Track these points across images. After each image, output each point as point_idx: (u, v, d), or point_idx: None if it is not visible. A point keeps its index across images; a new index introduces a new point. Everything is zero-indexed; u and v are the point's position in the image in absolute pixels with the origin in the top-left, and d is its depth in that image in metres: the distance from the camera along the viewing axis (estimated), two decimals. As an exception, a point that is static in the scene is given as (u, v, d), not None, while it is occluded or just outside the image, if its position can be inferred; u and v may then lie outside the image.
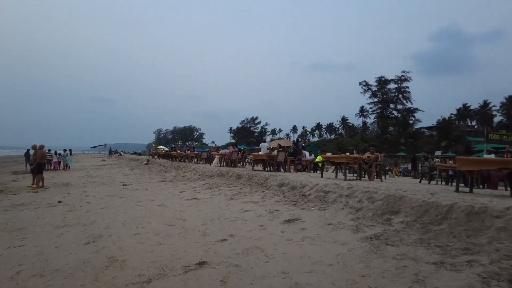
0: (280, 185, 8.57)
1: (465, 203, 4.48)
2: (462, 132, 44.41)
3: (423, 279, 3.06)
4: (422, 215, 4.70)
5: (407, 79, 61.70)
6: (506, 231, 3.69)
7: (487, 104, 62.18)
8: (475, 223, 4.05)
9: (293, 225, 5.38)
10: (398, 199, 5.37)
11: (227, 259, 3.87)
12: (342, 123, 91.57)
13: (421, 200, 5.02)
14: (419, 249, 3.76)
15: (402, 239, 4.13)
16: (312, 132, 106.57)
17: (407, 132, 51.05)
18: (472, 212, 4.22)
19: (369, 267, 3.47)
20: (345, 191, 6.55)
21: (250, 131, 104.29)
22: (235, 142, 23.27)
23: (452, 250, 3.60)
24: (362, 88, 66.28)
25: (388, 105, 64.73)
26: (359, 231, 4.66)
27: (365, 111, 75.11)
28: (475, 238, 3.79)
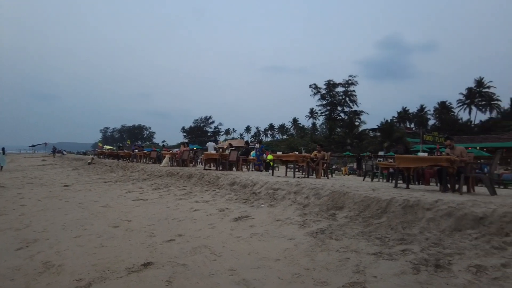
0: (232, 183, 8.56)
1: (402, 198, 4.82)
2: (402, 133, 47.80)
3: (363, 269, 3.24)
4: (364, 210, 4.97)
5: (354, 83, 65.15)
6: (435, 222, 4.04)
7: (423, 109, 67.73)
8: (409, 216, 4.38)
9: (242, 222, 5.40)
10: (342, 195, 5.63)
11: (174, 259, 3.77)
12: (293, 124, 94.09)
13: (363, 196, 5.31)
14: (360, 242, 3.97)
15: (346, 233, 4.33)
16: (265, 132, 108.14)
17: (353, 133, 53.93)
18: (407, 206, 4.55)
19: (314, 260, 3.60)
20: (293, 188, 6.73)
21: (203, 131, 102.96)
22: (186, 142, 22.81)
23: (390, 241, 3.85)
24: (312, 90, 68.70)
25: (336, 107, 67.78)
26: (306, 226, 4.81)
27: (314, 113, 78.07)
28: (409, 229, 4.10)
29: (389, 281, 2.95)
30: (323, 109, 69.33)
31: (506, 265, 2.89)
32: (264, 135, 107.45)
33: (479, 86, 60.47)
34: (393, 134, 45.88)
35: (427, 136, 21.32)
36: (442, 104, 63.96)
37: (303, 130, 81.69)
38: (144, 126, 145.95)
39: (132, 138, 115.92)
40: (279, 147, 50.66)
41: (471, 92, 61.02)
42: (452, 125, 56.82)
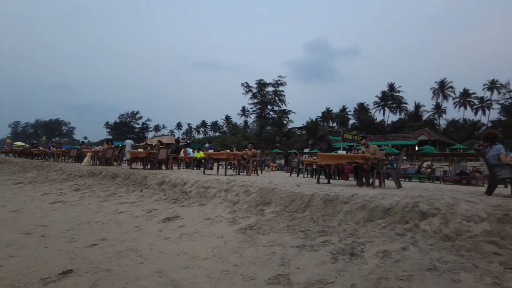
0: (161, 183, 8.32)
1: (323, 192, 5.21)
2: (326, 132, 51.27)
3: (288, 261, 3.44)
4: (289, 205, 5.25)
5: (283, 83, 67.84)
6: (351, 214, 4.46)
7: (345, 109, 73.52)
8: (330, 209, 4.75)
9: (172, 223, 5.31)
10: (270, 191, 5.87)
11: (97, 264, 3.57)
12: (226, 121, 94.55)
13: (289, 191, 5.61)
14: (286, 235, 4.20)
15: (272, 227, 4.54)
16: (197, 129, 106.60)
17: (282, 131, 56.17)
18: (328, 200, 4.93)
19: (242, 256, 3.71)
20: (224, 186, 6.80)
21: (130, 127, 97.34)
22: (110, 139, 21.38)
23: (312, 234, 4.14)
24: (244, 89, 69.74)
25: (267, 106, 69.85)
26: (235, 223, 4.92)
27: (246, 111, 79.44)
28: (329, 222, 4.45)
29: (311, 271, 3.19)
30: (254, 107, 70.96)
31: (405, 248, 3.34)
32: (196, 132, 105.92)
33: (391, 90, 67.67)
34: (317, 132, 48.99)
35: (347, 135, 23.24)
36: (361, 105, 70.16)
37: (235, 127, 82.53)
38: (62, 121, 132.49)
39: (48, 134, 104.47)
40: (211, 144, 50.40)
41: (385, 95, 67.99)
42: (369, 125, 62.68)
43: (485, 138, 5.53)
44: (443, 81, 64.54)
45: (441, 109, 65.17)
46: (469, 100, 62.96)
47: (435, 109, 65.33)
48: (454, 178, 14.05)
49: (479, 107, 62.43)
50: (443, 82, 64.58)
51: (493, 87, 59.78)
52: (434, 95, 65.95)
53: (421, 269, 2.94)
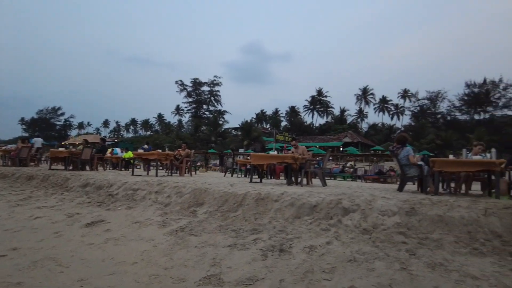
0: (84, 185, 7.70)
1: (255, 191, 5.34)
2: (260, 133, 52.47)
3: (219, 261, 3.46)
4: (222, 205, 5.27)
5: (219, 83, 67.84)
6: (281, 212, 4.64)
7: (277, 111, 76.02)
8: (261, 207, 4.89)
9: (96, 227, 4.96)
10: (204, 191, 5.83)
11: (6, 278, 3.18)
12: (159, 120, 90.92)
13: (222, 191, 5.63)
14: (218, 235, 4.21)
15: (205, 228, 4.51)
16: (127, 127, 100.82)
17: (217, 131, 56.03)
18: (259, 199, 5.06)
19: (173, 259, 3.63)
20: (155, 188, 6.56)
21: (50, 124, 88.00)
22: (26, 136, 19.17)
23: (244, 232, 4.22)
24: (178, 87, 68.01)
25: (202, 105, 69.09)
26: (166, 225, 4.78)
27: (180, 109, 77.49)
28: (260, 220, 4.58)
29: (242, 269, 3.25)
30: (189, 106, 69.65)
31: (329, 242, 3.59)
32: (125, 131, 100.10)
33: (320, 95, 71.90)
34: (252, 133, 49.93)
35: (279, 136, 24.13)
36: (292, 108, 73.29)
37: (168, 126, 79.84)
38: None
39: None
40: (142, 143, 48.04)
41: (314, 100, 71.94)
42: (299, 127, 65.74)
43: (397, 141, 6.21)
44: (366, 88, 70.50)
45: (363, 113, 71.15)
46: (387, 106, 69.66)
47: (358, 114, 71.10)
48: (373, 177, 15.48)
49: (394, 112, 69.41)
50: (365, 89, 70.53)
51: (406, 96, 67.06)
52: (357, 100, 71.75)
53: (343, 261, 3.19)
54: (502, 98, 51.46)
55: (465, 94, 55.06)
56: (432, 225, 3.78)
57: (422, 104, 61.85)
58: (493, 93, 52.69)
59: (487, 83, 53.05)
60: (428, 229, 3.74)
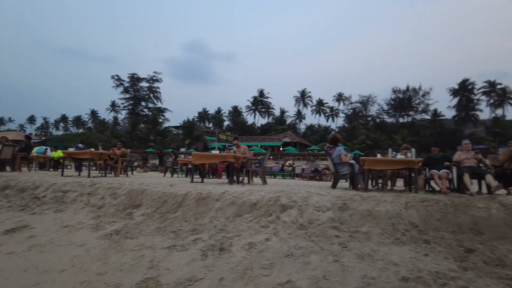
0: (4, 188, 6.90)
1: (196, 191, 5.27)
2: (202, 132, 51.77)
3: (157, 264, 3.36)
4: (161, 206, 5.12)
5: (159, 80, 65.37)
6: (222, 211, 4.65)
7: (220, 111, 75.69)
8: (202, 207, 4.84)
9: (17, 234, 4.49)
10: (141, 192, 5.60)
11: None
12: (92, 116, 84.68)
13: (161, 192, 5.46)
14: (156, 237, 4.08)
15: (142, 231, 4.34)
16: (56, 124, 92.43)
17: (157, 129, 53.99)
18: (200, 198, 5.01)
19: (107, 263, 3.44)
20: (87, 189, 6.13)
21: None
22: None
23: (183, 233, 4.15)
24: (114, 82, 64.14)
25: (140, 102, 66.01)
26: (100, 228, 4.51)
27: (116, 106, 73.11)
28: (201, 220, 4.54)
29: (181, 270, 3.20)
30: (126, 103, 66.05)
31: (268, 239, 3.70)
32: (54, 128, 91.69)
33: (261, 96, 73.22)
34: (194, 132, 49.04)
35: (221, 135, 24.07)
36: (235, 108, 73.57)
37: (103, 124, 74.77)
38: None
39: None
40: (73, 142, 44.38)
41: (256, 100, 73.07)
42: (241, 126, 66.27)
43: (331, 141, 6.60)
44: (304, 91, 73.45)
45: (301, 115, 74.05)
46: (323, 108, 73.26)
47: (297, 115, 73.82)
48: (310, 175, 16.22)
49: (330, 115, 73.29)
50: (303, 92, 73.46)
51: (340, 99, 71.32)
52: (296, 102, 74.38)
53: (281, 256, 3.31)
54: (421, 104, 58.43)
55: (391, 99, 60.86)
56: (362, 219, 4.09)
57: (355, 107, 66.76)
58: (414, 99, 59.10)
59: (409, 90, 59.27)
60: (358, 222, 4.04)
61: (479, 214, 4.01)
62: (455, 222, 3.96)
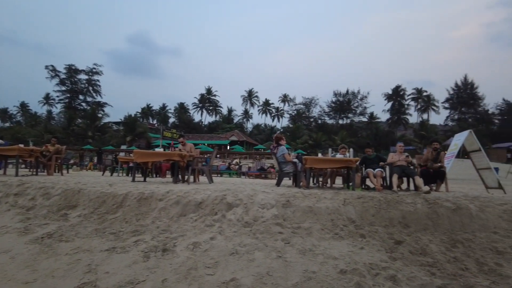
0: None
1: (138, 191, 5.06)
2: (145, 129, 49.70)
3: (95, 267, 3.18)
4: (99, 206, 4.83)
5: (99, 72, 61.46)
6: (166, 211, 4.53)
7: (165, 107, 73.51)
8: (144, 208, 4.67)
9: None
10: (77, 192, 5.23)
11: None
12: (21, 109, 76.66)
13: (99, 192, 5.15)
14: (94, 240, 3.85)
15: (78, 233, 4.07)
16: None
17: (96, 125, 50.65)
18: (142, 198, 4.83)
19: (37, 270, 3.18)
20: (14, 189, 5.57)
21: None
22: None
23: (124, 234, 3.96)
24: (49, 73, 58.90)
25: (78, 96, 61.52)
26: (29, 232, 4.13)
27: (51, 99, 67.10)
28: (143, 220, 4.37)
29: (121, 273, 3.06)
30: (62, 95, 61.05)
31: (213, 238, 3.69)
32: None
33: (209, 94, 72.54)
34: (136, 129, 46.87)
35: (166, 133, 23.37)
36: (181, 105, 71.96)
37: (34, 118, 68.08)
38: None
39: None
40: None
41: (203, 98, 72.18)
42: (188, 124, 65.01)
43: (275, 140, 6.79)
44: (251, 91, 74.28)
45: (248, 114, 74.83)
46: (269, 108, 74.77)
47: (244, 114, 74.47)
48: (256, 173, 16.48)
49: (275, 115, 75.11)
50: (251, 91, 74.28)
51: (285, 100, 73.44)
52: (243, 102, 75.01)
53: (225, 254, 3.32)
54: (359, 107, 63.32)
55: (332, 101, 64.65)
56: (304, 216, 4.26)
57: (299, 108, 69.47)
58: (353, 102, 63.50)
59: (349, 94, 63.49)
60: (300, 219, 4.20)
61: (407, 209, 4.41)
62: (387, 217, 4.30)
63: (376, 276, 2.94)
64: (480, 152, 8.60)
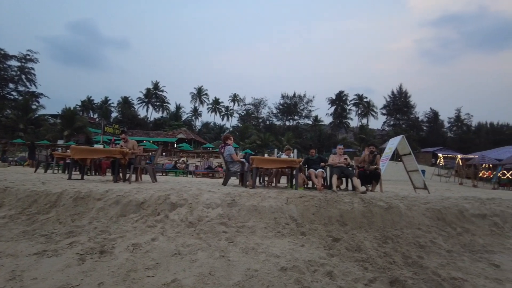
0: None
1: (74, 190, 4.74)
2: (85, 123, 46.46)
3: (20, 273, 2.92)
4: (30, 206, 4.45)
5: (34, 60, 56.09)
6: (104, 211, 4.31)
7: (108, 101, 69.36)
8: (80, 207, 4.39)
9: None
10: (3, 190, 4.76)
11: None
12: None
13: (29, 190, 4.74)
14: (21, 243, 3.53)
15: (2, 236, 3.70)
16: None
17: (28, 117, 46.17)
18: (79, 197, 4.54)
19: None
20: None
21: None
22: None
23: (57, 236, 3.69)
24: (-29, 56, 52.42)
25: (7, 84, 55.57)
26: None
27: (-29, 86, 59.76)
28: (79, 221, 4.10)
29: (51, 278, 2.84)
30: (-14, 82, 54.70)
31: (155, 239, 3.59)
32: None
33: (156, 89, 70.02)
34: (75, 123, 43.64)
35: (108, 128, 22.07)
36: (125, 99, 68.44)
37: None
38: None
39: None
40: None
41: (149, 93, 69.45)
42: (132, 120, 62.09)
43: (223, 140, 6.80)
44: (200, 88, 73.20)
45: (197, 112, 73.65)
46: (219, 107, 74.37)
47: (193, 112, 73.12)
48: (203, 172, 16.30)
49: (225, 114, 74.92)
50: (200, 89, 73.19)
51: (235, 100, 73.62)
52: (192, 99, 73.65)
53: (167, 255, 3.25)
54: (305, 110, 66.16)
55: (280, 104, 66.50)
56: (249, 214, 4.33)
57: (248, 108, 70.24)
58: (299, 105, 66.12)
59: (296, 97, 65.95)
60: (245, 218, 4.26)
61: (345, 208, 4.69)
62: (326, 215, 4.54)
63: (314, 273, 3.09)
64: (410, 155, 9.42)
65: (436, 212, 4.88)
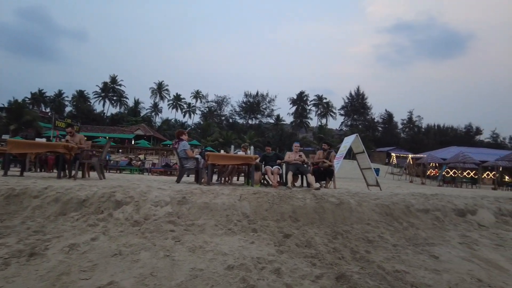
0: None
1: (7, 187, 4.32)
2: (35, 117, 43.23)
3: None
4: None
5: (-28, 46, 51.21)
6: (41, 209, 3.96)
7: (61, 94, 65.23)
8: (13, 206, 4.00)
9: None
10: None
11: None
12: None
13: (-48, 188, 4.24)
14: None
15: None
16: None
17: (-34, 109, 42.16)
18: (12, 195, 4.13)
19: None
20: None
21: None
22: None
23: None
24: None
25: None
26: None
27: None
28: (9, 221, 3.73)
29: (-33, 285, 2.53)
30: None
31: (95, 238, 3.34)
32: None
33: (113, 83, 66.96)
34: (23, 116, 40.50)
35: (59, 123, 20.64)
36: (80, 92, 64.75)
37: None
38: None
39: None
40: None
41: (106, 87, 66.29)
42: (87, 114, 58.85)
43: (176, 135, 6.57)
44: (161, 83, 71.03)
45: (158, 108, 71.41)
46: (180, 104, 72.64)
47: (153, 108, 70.80)
48: (160, 170, 15.79)
49: (187, 111, 73.38)
50: (161, 84, 71.02)
51: (197, 96, 72.35)
52: (152, 94, 71.25)
53: (106, 256, 3.03)
54: (267, 109, 66.73)
55: (243, 102, 66.53)
56: (200, 212, 4.19)
57: (211, 106, 69.42)
58: (262, 104, 66.56)
59: (258, 95, 66.31)
60: (195, 216, 4.11)
61: (297, 203, 4.69)
62: (279, 211, 4.51)
63: (262, 270, 3.02)
64: (364, 154, 9.75)
65: (385, 207, 5.04)
